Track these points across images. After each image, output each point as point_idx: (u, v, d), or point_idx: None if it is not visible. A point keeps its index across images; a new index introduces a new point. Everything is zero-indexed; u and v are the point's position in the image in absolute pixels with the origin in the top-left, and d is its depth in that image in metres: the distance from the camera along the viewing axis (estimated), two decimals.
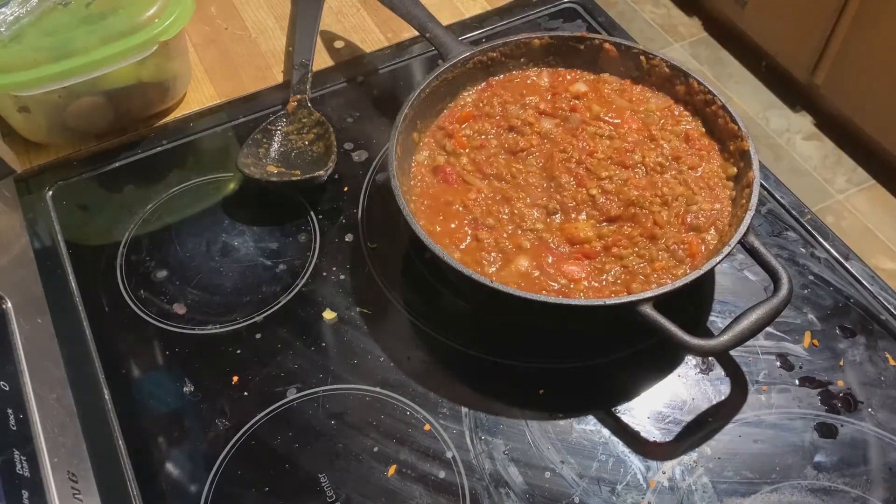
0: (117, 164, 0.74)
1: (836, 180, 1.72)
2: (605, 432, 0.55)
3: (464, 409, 0.57)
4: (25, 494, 0.50)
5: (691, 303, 0.62)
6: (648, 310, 0.51)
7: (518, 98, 0.68)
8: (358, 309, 0.63)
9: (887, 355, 0.58)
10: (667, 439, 0.55)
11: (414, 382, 0.58)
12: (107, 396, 0.58)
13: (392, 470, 0.54)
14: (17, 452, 0.52)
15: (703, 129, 0.64)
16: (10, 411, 0.54)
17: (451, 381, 0.59)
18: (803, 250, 0.64)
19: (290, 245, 0.67)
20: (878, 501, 0.52)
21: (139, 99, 0.75)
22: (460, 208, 0.61)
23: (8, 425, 0.53)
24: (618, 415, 0.56)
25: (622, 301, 0.52)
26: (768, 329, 0.56)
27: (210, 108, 0.79)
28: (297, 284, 0.64)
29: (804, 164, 1.76)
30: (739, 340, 0.51)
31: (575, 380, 0.59)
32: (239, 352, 0.61)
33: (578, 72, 0.70)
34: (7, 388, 0.55)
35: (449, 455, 0.55)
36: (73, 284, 0.65)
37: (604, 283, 0.57)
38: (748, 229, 0.55)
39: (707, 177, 0.62)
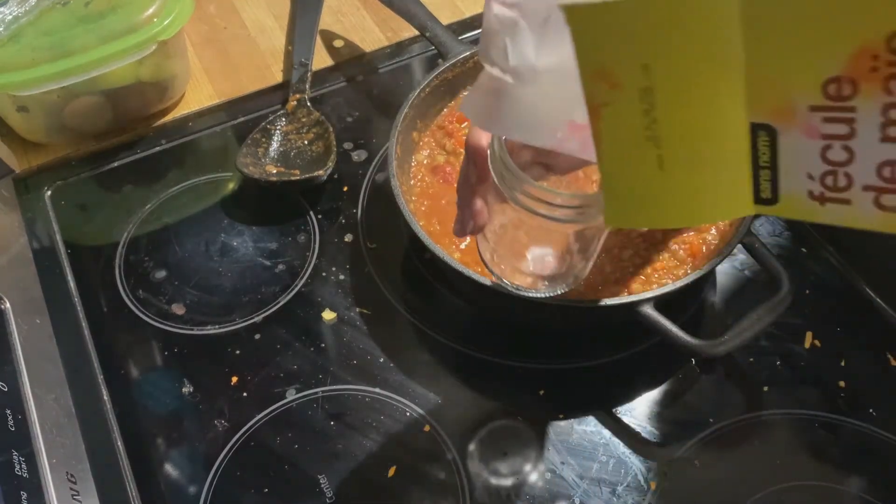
0: (116, 164, 0.74)
1: None
2: (606, 433, 0.55)
3: (464, 410, 0.57)
4: (24, 495, 0.50)
5: (692, 303, 0.61)
6: (649, 310, 0.51)
7: None
8: (357, 309, 0.63)
9: (889, 355, 0.58)
10: (668, 440, 0.55)
11: (414, 383, 0.58)
12: (105, 397, 0.58)
13: (392, 471, 0.54)
14: (15, 453, 0.52)
15: None
16: (8, 412, 0.54)
17: (451, 382, 0.59)
18: (804, 250, 0.64)
19: (289, 245, 0.67)
20: (880, 502, 0.52)
21: (138, 98, 0.75)
22: None
23: (6, 426, 0.53)
24: (618, 416, 0.56)
25: (622, 301, 0.52)
26: (769, 329, 0.56)
27: (209, 108, 0.79)
28: (297, 285, 0.64)
29: None
30: (740, 341, 0.51)
31: (575, 380, 0.58)
32: (238, 352, 0.60)
33: None
34: (6, 389, 0.55)
35: (449, 456, 0.54)
36: (72, 285, 0.65)
37: (604, 283, 0.56)
38: (748, 229, 0.55)
39: None
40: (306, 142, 0.73)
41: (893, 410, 0.56)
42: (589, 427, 0.56)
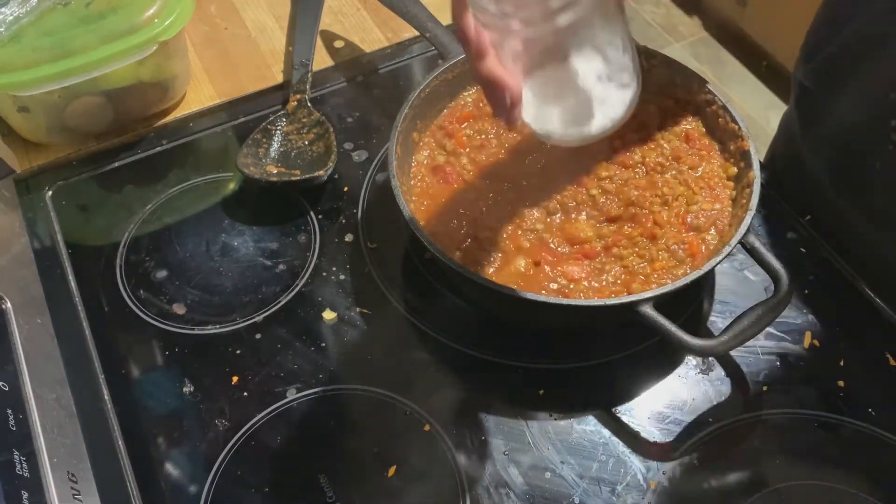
0: (117, 164, 0.74)
1: None
2: (606, 433, 0.55)
3: (464, 410, 0.57)
4: (25, 495, 0.50)
5: (691, 303, 0.61)
6: (648, 310, 0.51)
7: None
8: (358, 309, 0.63)
9: (888, 355, 0.58)
10: (667, 440, 0.55)
11: (414, 383, 0.58)
12: (106, 397, 0.58)
13: (392, 470, 0.54)
14: (16, 453, 0.52)
15: (704, 129, 0.64)
16: (9, 412, 0.54)
17: (451, 381, 0.59)
18: (803, 250, 0.64)
19: (289, 245, 0.67)
20: (879, 502, 0.52)
21: (139, 99, 0.75)
22: (460, 209, 0.61)
23: (7, 426, 0.53)
24: (618, 415, 0.56)
25: (622, 301, 0.52)
26: (768, 329, 0.56)
27: (210, 108, 0.79)
28: (297, 284, 0.64)
29: None
30: (740, 341, 0.51)
31: (575, 380, 0.58)
32: (239, 352, 0.60)
33: None
34: (7, 389, 0.55)
35: (449, 456, 0.55)
36: (73, 285, 0.65)
37: (604, 283, 0.57)
38: (748, 229, 0.55)
39: (707, 177, 0.61)
40: (307, 142, 0.73)
41: (893, 410, 0.56)
42: (589, 427, 0.56)
